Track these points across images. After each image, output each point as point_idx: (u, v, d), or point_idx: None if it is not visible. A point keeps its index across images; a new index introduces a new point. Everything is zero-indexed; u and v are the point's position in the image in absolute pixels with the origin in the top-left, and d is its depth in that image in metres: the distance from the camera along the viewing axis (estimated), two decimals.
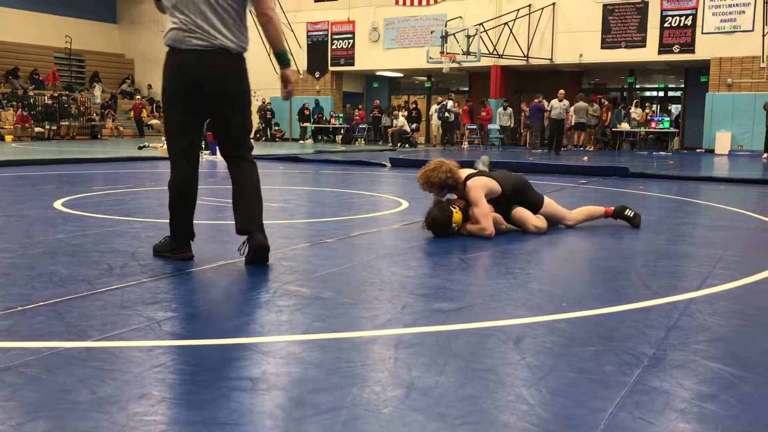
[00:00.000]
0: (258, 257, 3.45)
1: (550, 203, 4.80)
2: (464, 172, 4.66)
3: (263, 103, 25.90)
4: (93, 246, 3.94)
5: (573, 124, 21.19)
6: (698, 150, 20.64)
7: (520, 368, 2.08)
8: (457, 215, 4.45)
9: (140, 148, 15.79)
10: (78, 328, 2.39)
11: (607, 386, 1.94)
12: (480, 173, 4.68)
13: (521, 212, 4.64)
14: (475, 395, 1.85)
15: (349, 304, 2.79)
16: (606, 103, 22.07)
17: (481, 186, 4.50)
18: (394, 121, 23.61)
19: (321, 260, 3.67)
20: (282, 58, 3.54)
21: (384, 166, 11.75)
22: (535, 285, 3.19)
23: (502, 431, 1.66)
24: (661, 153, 19.36)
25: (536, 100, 20.50)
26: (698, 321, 2.62)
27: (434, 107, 23.22)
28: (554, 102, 18.46)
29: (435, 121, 23.17)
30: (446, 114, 22.27)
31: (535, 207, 4.72)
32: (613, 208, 5.02)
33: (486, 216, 4.44)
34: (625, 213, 4.99)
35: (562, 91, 18.65)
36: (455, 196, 4.65)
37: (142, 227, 4.69)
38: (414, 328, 2.47)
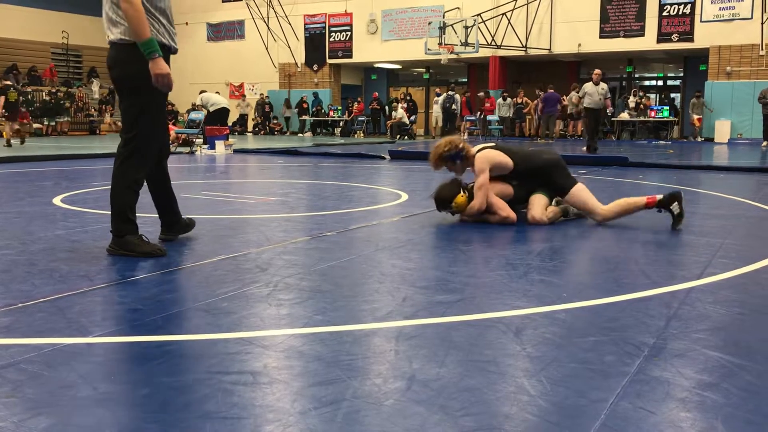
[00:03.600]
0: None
1: (579, 193, 4.59)
2: (477, 147, 4.77)
3: (261, 96, 25.87)
4: (93, 242, 3.94)
5: (568, 113, 21.24)
6: (698, 139, 20.62)
7: (521, 359, 2.08)
8: (461, 198, 4.62)
9: None
10: (79, 324, 2.39)
11: (607, 376, 1.94)
12: (492, 147, 4.75)
13: (535, 199, 4.68)
14: (476, 387, 1.86)
15: (350, 296, 2.79)
16: None
17: (485, 159, 4.61)
18: (393, 113, 23.57)
19: (321, 253, 3.67)
20: (143, 48, 3.39)
21: (383, 158, 11.74)
22: (535, 275, 3.19)
23: (503, 422, 1.66)
24: (661, 142, 19.35)
25: (550, 90, 20.37)
26: (698, 310, 2.62)
27: (438, 98, 23.01)
28: (588, 87, 13.82)
29: (435, 113, 23.09)
30: (453, 105, 22.25)
31: (561, 191, 4.65)
32: (659, 198, 4.46)
33: (480, 188, 4.56)
34: (672, 207, 4.41)
35: (598, 72, 13.99)
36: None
37: (141, 222, 4.66)
38: (414, 320, 2.47)
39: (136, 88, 3.52)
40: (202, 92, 16.87)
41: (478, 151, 4.71)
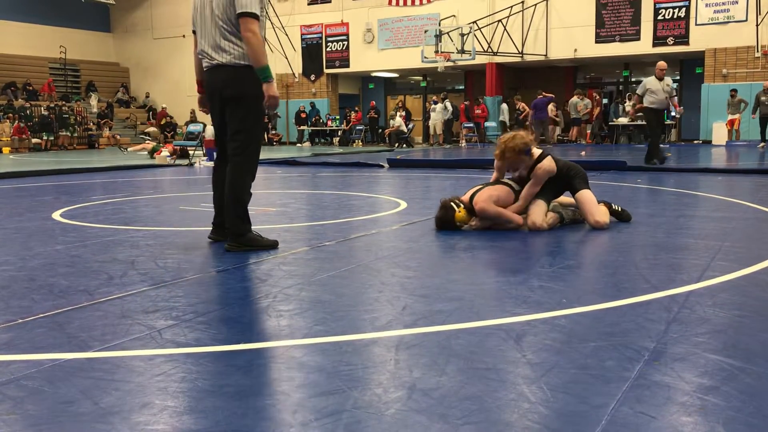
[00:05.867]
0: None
1: (584, 197, 4.75)
2: (540, 151, 4.85)
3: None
4: (92, 256, 3.95)
5: (571, 118, 21.32)
6: (695, 141, 20.65)
7: (521, 366, 2.08)
8: (460, 214, 4.66)
9: (122, 149, 16.44)
10: (79, 339, 2.39)
11: (608, 382, 1.94)
12: (549, 154, 4.84)
13: (534, 205, 4.71)
14: (476, 395, 1.86)
15: (351, 306, 2.79)
16: (597, 97, 22.12)
17: (548, 171, 4.71)
18: (391, 121, 23.59)
19: (320, 263, 3.68)
20: (261, 72, 3.92)
21: (382, 167, 11.76)
22: (535, 282, 3.19)
23: (504, 430, 1.66)
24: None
25: (539, 96, 20.42)
26: (698, 313, 2.62)
27: (439, 105, 22.95)
28: (650, 82, 10.64)
29: (433, 120, 23.08)
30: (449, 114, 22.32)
31: (572, 190, 4.81)
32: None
33: (526, 198, 4.72)
34: (613, 207, 4.99)
35: (662, 64, 10.77)
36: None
37: (141, 236, 4.69)
38: (414, 328, 2.47)
39: (251, 103, 3.96)
40: None
41: (541, 155, 4.76)
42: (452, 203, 4.70)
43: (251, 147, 4.06)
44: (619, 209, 5.00)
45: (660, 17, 20.34)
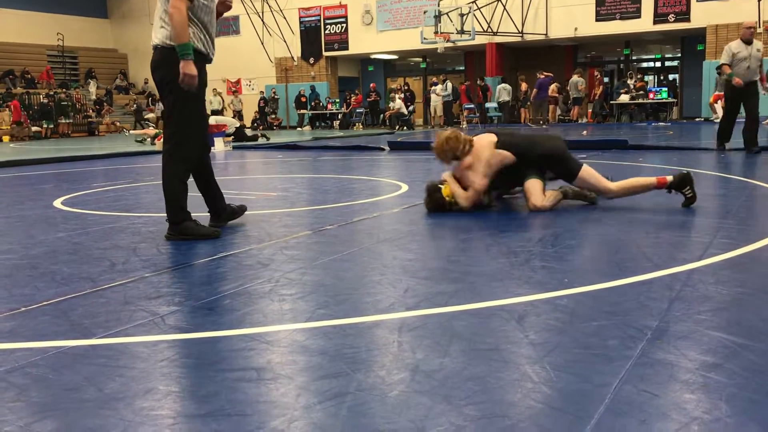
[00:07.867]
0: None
1: (587, 173, 4.60)
2: (482, 139, 4.68)
3: (273, 92, 25.78)
4: (94, 243, 3.95)
5: (572, 98, 21.22)
6: (697, 119, 20.55)
7: (524, 346, 2.09)
8: (445, 190, 4.68)
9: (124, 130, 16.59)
10: (82, 326, 2.39)
11: (611, 360, 1.94)
12: (495, 140, 4.66)
13: (530, 185, 4.63)
14: (479, 375, 1.86)
15: (351, 289, 2.79)
16: (598, 76, 21.99)
17: (486, 164, 4.57)
18: (391, 103, 23.51)
19: (322, 247, 3.68)
20: (179, 49, 3.76)
21: (383, 149, 11.73)
22: (537, 262, 3.19)
23: (507, 410, 1.66)
24: (660, 123, 19.28)
25: (541, 76, 20.27)
26: (700, 291, 2.62)
27: (439, 87, 22.85)
28: (736, 45, 8.80)
29: (434, 102, 22.98)
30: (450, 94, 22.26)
31: (568, 175, 4.65)
32: (670, 179, 4.49)
33: (474, 193, 4.63)
34: (685, 191, 4.49)
35: (750, 24, 8.99)
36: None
37: (143, 222, 4.69)
38: (417, 311, 2.47)
39: (176, 89, 3.82)
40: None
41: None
42: (436, 184, 4.70)
43: (179, 133, 3.92)
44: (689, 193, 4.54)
45: None
